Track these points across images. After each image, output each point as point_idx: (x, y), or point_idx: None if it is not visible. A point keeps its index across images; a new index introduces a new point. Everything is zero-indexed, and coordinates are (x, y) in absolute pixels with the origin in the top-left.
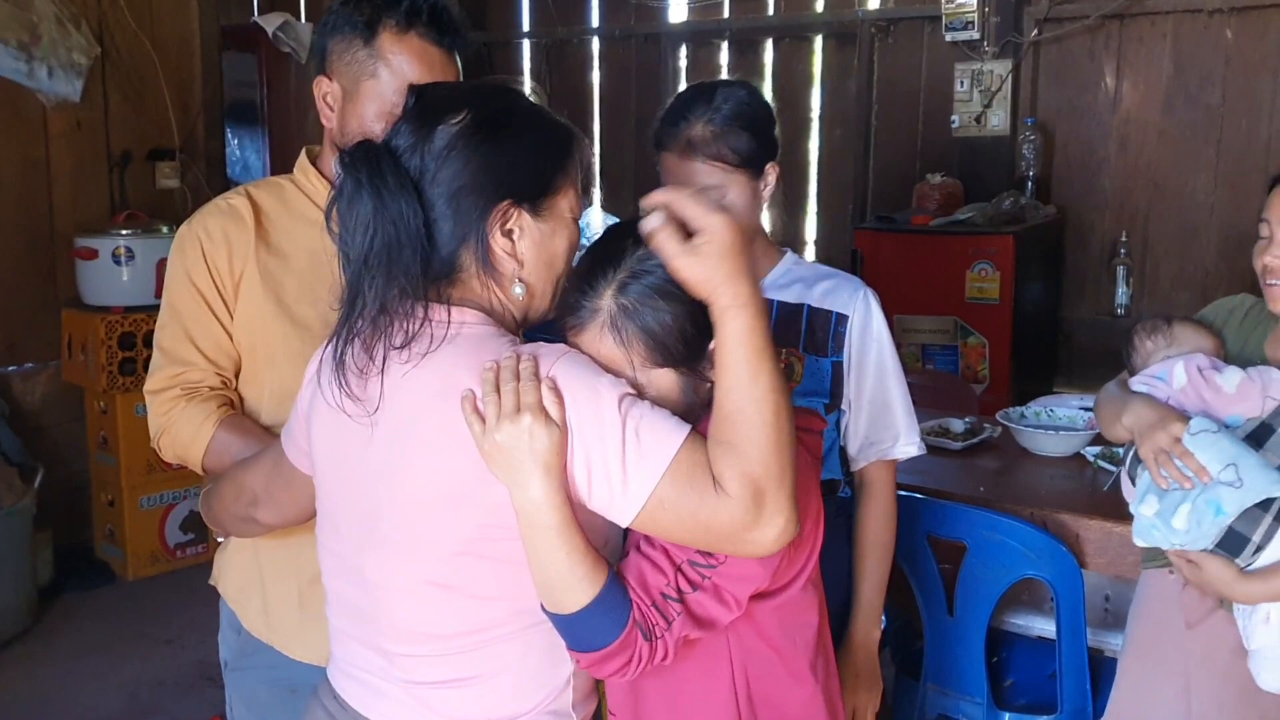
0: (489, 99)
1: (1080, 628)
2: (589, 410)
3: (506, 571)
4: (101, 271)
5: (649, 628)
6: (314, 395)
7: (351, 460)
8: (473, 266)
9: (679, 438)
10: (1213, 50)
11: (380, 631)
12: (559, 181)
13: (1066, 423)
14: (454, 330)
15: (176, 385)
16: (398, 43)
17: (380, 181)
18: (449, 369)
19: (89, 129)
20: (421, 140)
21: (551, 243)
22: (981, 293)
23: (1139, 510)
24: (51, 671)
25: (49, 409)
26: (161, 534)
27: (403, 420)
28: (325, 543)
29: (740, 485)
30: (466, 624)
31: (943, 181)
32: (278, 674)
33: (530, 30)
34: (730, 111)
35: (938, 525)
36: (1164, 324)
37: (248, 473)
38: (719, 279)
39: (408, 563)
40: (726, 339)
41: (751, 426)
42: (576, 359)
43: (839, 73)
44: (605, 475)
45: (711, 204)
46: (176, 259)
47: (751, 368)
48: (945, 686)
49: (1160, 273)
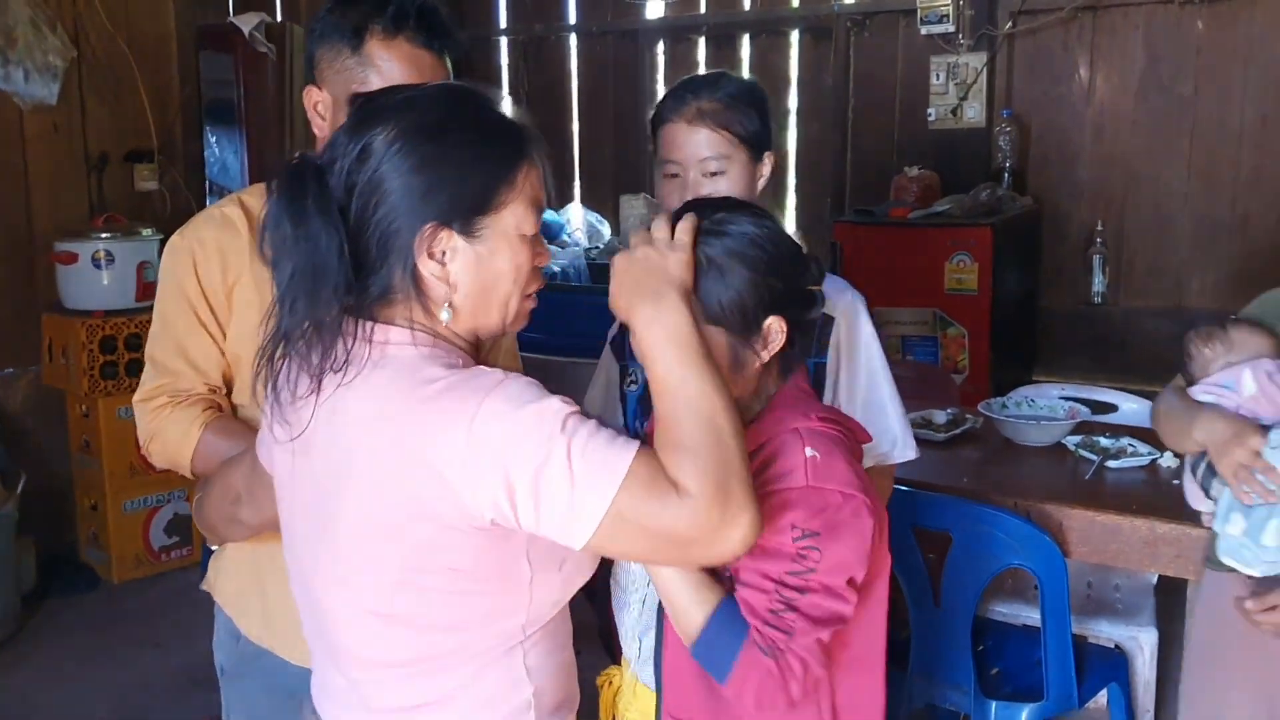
0: (425, 107)
1: (1065, 616)
2: (534, 431)
3: (451, 604)
4: (82, 275)
5: (769, 644)
6: None
7: (297, 474)
8: (404, 289)
9: (631, 449)
10: (1184, 41)
11: (337, 655)
12: (500, 196)
13: (1047, 412)
14: (383, 353)
15: (164, 393)
16: (386, 48)
17: (300, 204)
18: (383, 393)
19: (66, 132)
20: (350, 154)
21: (492, 263)
22: (960, 284)
23: (1224, 530)
24: (38, 678)
25: (30, 414)
26: (146, 537)
27: (337, 447)
28: (287, 557)
29: (701, 483)
30: (414, 652)
31: (920, 174)
32: (277, 680)
33: (507, 27)
34: (738, 91)
35: (923, 517)
36: (1220, 329)
37: (233, 471)
38: (646, 290)
39: (348, 589)
40: (649, 350)
41: (694, 425)
42: (518, 382)
43: (815, 67)
44: (554, 494)
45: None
46: (168, 270)
47: (678, 368)
48: (932, 676)
49: (1136, 262)
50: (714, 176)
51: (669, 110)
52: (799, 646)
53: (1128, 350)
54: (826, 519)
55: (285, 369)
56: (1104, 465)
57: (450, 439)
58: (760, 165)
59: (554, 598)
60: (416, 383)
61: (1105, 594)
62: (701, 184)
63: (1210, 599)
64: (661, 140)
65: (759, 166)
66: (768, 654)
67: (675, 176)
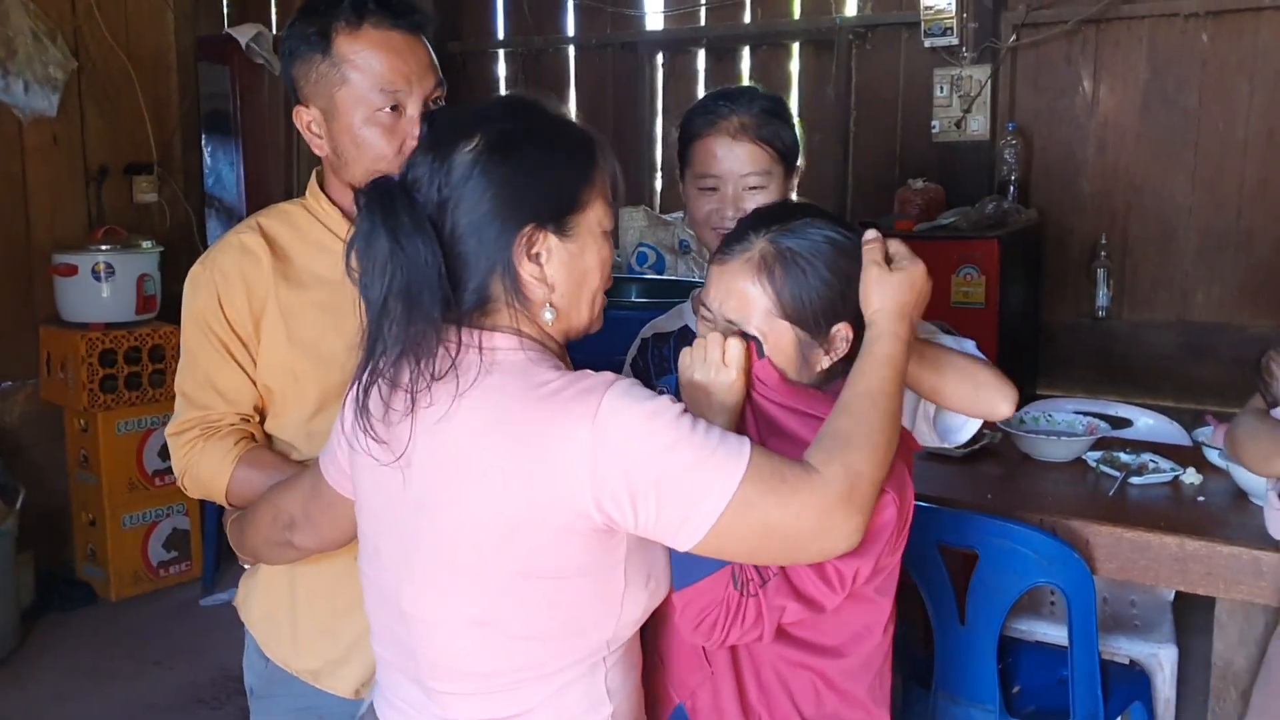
0: (501, 118)
1: (1092, 634)
2: (654, 428)
3: (548, 612)
4: (81, 288)
5: (743, 580)
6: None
7: (392, 491)
8: (504, 296)
9: (746, 443)
10: (1189, 54)
11: (419, 665)
12: (584, 196)
13: (1066, 427)
14: (493, 359)
15: (195, 426)
16: (354, 40)
17: (395, 222)
18: (496, 398)
19: (65, 144)
20: (436, 171)
21: (582, 261)
22: (967, 297)
23: None
24: (39, 696)
25: (27, 428)
26: (144, 553)
27: (447, 454)
28: (367, 572)
29: (837, 468)
30: (504, 662)
31: (924, 187)
32: (305, 703)
33: (505, 39)
34: (771, 106)
35: (948, 534)
36: None
37: (285, 496)
38: (891, 307)
39: (447, 597)
40: (875, 354)
41: (866, 425)
42: (625, 381)
43: (817, 80)
44: (676, 489)
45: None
46: (190, 303)
47: (886, 387)
48: (956, 694)
49: (1140, 275)
50: (754, 190)
51: (705, 124)
52: (764, 600)
53: (1131, 363)
54: None
55: (378, 389)
56: (1127, 481)
57: (573, 437)
58: (791, 180)
59: (637, 615)
60: (531, 385)
61: (1122, 610)
62: (743, 198)
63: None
64: (697, 154)
65: (792, 179)
66: (736, 586)
67: (714, 190)
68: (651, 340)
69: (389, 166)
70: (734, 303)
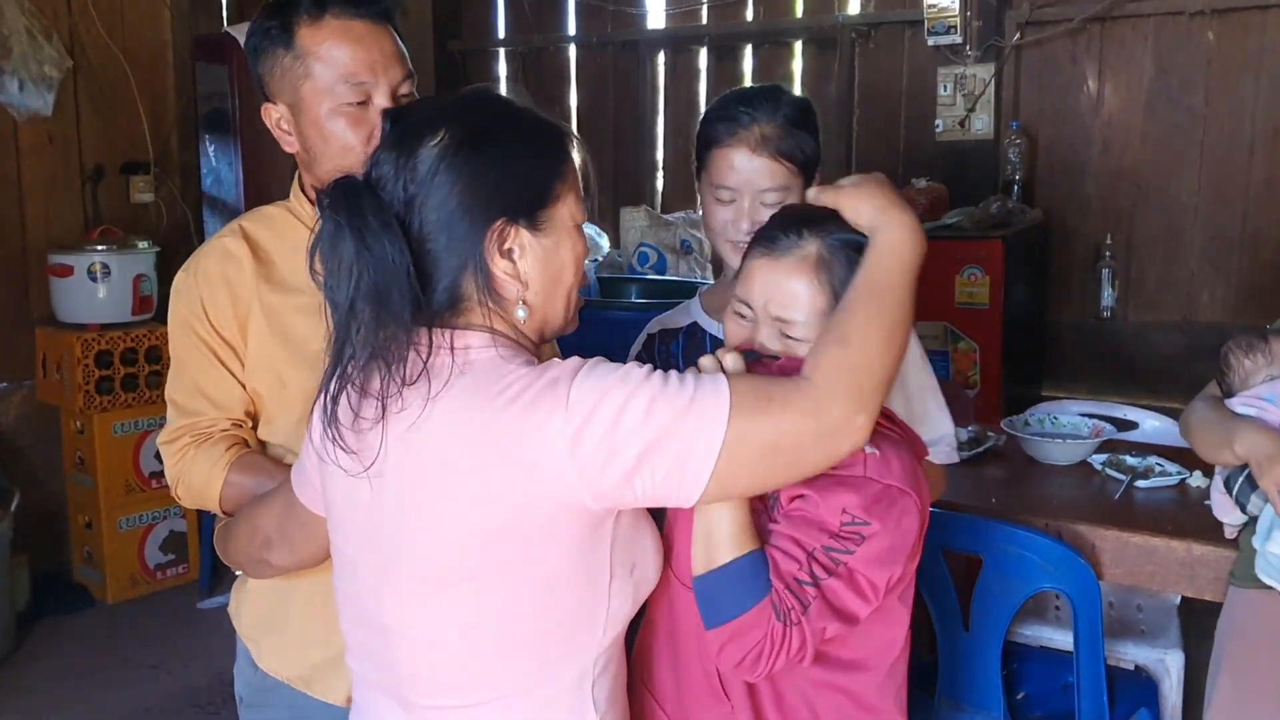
0: (468, 112)
1: (1098, 640)
2: (627, 395)
3: (535, 614)
4: (77, 288)
5: (785, 610)
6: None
7: (365, 502)
8: (476, 294)
9: (722, 379)
10: (1194, 52)
11: (399, 680)
12: (556, 189)
13: (1070, 430)
14: (466, 359)
15: (186, 434)
16: (317, 32)
17: (360, 222)
18: (470, 399)
19: (61, 143)
20: (402, 168)
21: (556, 256)
22: (971, 297)
23: (1265, 548)
24: (34, 700)
25: (22, 430)
26: (141, 555)
27: (422, 461)
28: (343, 588)
29: (829, 369)
30: (488, 674)
31: (928, 186)
32: (297, 713)
33: (506, 38)
34: (795, 113)
35: (953, 538)
36: (1261, 341)
37: (260, 514)
38: (881, 202)
39: (430, 606)
40: (876, 246)
41: (863, 318)
42: (591, 364)
43: (819, 78)
44: (667, 445)
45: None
46: (176, 310)
47: (887, 276)
48: (960, 701)
49: (1145, 275)
50: (771, 206)
51: (724, 133)
52: (807, 626)
53: (1137, 364)
54: (879, 512)
55: (346, 397)
56: (1133, 485)
57: (548, 430)
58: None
59: (625, 610)
60: (502, 384)
61: (1128, 615)
62: (759, 211)
63: (1242, 619)
64: (714, 162)
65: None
66: (780, 618)
67: (730, 202)
68: (658, 336)
69: (357, 159)
70: (784, 299)
